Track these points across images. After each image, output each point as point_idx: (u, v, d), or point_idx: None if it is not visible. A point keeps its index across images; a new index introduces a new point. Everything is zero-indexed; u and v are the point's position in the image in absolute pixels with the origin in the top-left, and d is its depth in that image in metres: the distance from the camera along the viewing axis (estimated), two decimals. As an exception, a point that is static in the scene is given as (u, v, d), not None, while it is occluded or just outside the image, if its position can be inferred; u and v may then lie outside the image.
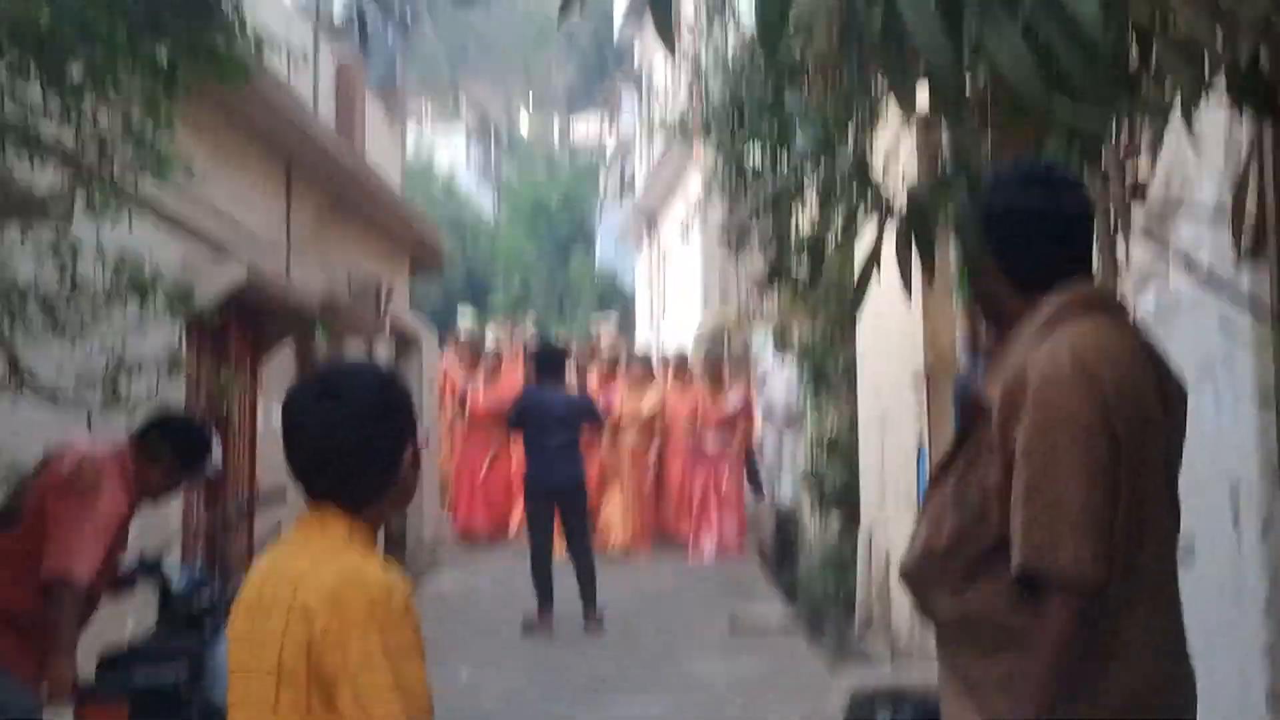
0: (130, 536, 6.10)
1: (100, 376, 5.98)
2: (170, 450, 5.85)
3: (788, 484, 17.08)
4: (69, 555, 5.43)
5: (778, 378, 17.23)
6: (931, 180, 2.41)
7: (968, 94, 1.94)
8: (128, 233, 5.93)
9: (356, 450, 3.01)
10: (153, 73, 5.28)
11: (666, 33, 1.69)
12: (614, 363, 17.80)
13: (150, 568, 6.37)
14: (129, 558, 6.21)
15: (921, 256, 2.28)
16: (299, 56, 11.49)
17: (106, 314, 5.81)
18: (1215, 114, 2.96)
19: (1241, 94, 1.96)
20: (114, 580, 6.04)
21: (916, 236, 2.23)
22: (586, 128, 52.28)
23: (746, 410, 17.25)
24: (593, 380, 16.96)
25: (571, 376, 14.94)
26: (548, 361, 13.38)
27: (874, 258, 2.37)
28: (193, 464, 6.01)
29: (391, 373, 3.29)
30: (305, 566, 2.92)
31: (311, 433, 3.02)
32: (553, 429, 12.62)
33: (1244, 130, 4.50)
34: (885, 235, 2.35)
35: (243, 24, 5.72)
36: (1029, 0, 1.50)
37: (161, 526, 8.57)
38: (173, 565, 6.60)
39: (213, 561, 9.42)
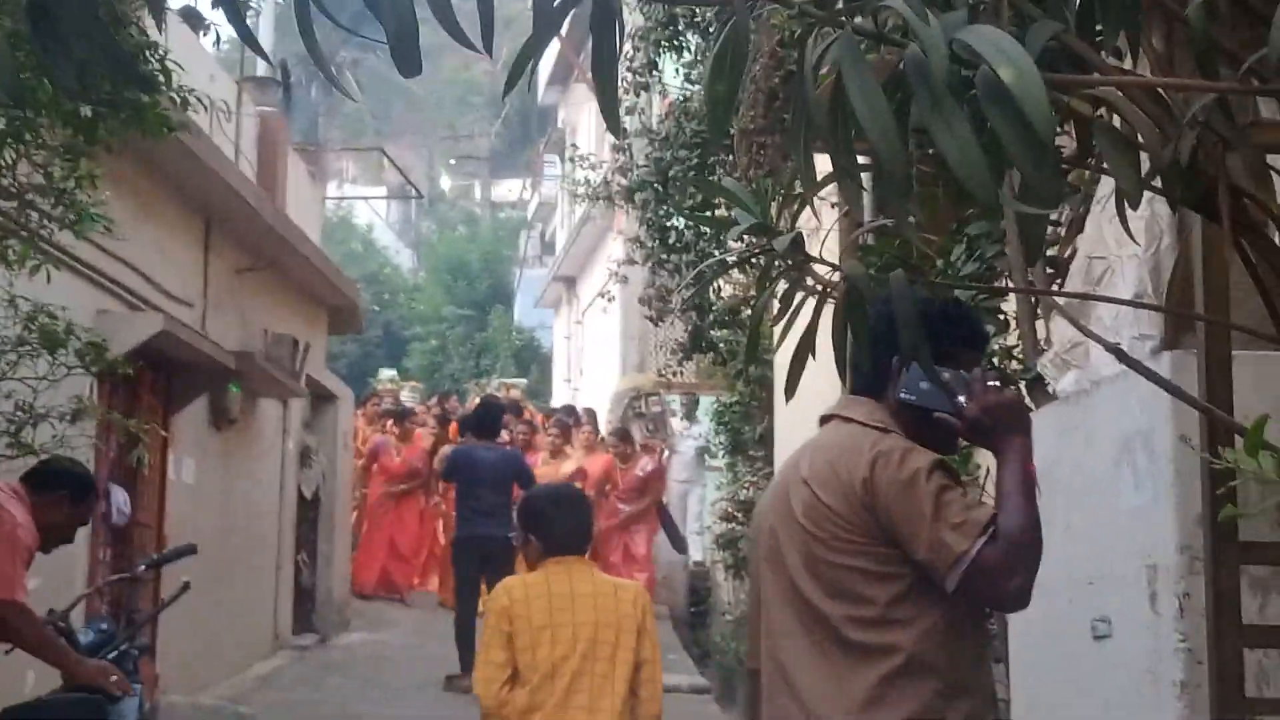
0: (36, 592, 6.06)
1: (5, 425, 5.93)
2: (62, 486, 5.97)
3: (699, 545, 17.13)
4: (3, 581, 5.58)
5: (684, 443, 17.44)
6: (859, 261, 2.42)
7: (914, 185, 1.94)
8: (44, 284, 5.85)
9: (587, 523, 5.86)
10: (74, 127, 5.21)
11: (613, 118, 1.67)
12: (530, 428, 17.79)
13: (56, 624, 6.27)
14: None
15: (856, 340, 2.28)
16: (221, 110, 11.45)
17: (17, 364, 5.74)
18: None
19: (1181, 191, 1.98)
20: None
21: (853, 321, 2.22)
22: (509, 189, 52.30)
23: (659, 473, 17.25)
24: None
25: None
26: (486, 418, 13.28)
27: (809, 340, 2.36)
28: (84, 500, 6.14)
29: None
30: (604, 579, 5.69)
31: (555, 521, 5.60)
32: (484, 488, 12.51)
33: (1164, 217, 4.56)
34: (820, 318, 2.34)
35: (168, 78, 5.67)
36: (980, 92, 1.50)
37: (68, 582, 8.42)
38: (78, 621, 6.53)
39: (119, 617, 9.25)
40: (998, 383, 3.37)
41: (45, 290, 5.90)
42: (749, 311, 12.14)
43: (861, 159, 1.99)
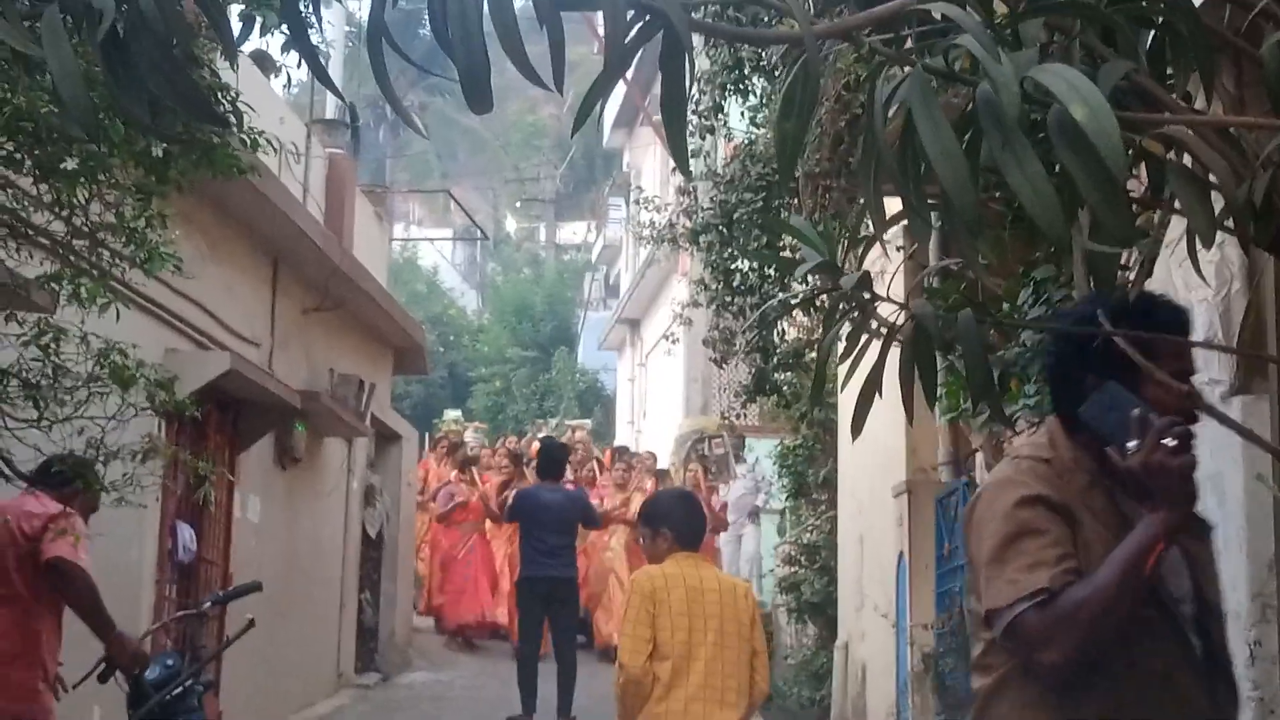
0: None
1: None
2: (76, 478, 6.14)
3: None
4: (63, 545, 5.99)
5: (739, 485, 17.43)
6: (926, 300, 2.40)
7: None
8: (114, 322, 5.91)
9: (705, 521, 6.84)
10: (146, 165, 5.26)
11: (682, 156, 1.67)
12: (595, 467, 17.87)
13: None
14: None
15: (923, 380, 2.26)
16: (291, 151, 11.56)
17: (87, 401, 5.79)
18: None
19: (1255, 231, 1.95)
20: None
21: (920, 361, 2.21)
22: (573, 232, 52.50)
23: (723, 507, 17.28)
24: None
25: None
26: (550, 459, 13.33)
27: (875, 381, 2.35)
28: (93, 488, 6.27)
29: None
30: (724, 576, 6.60)
31: (684, 517, 6.34)
32: (550, 528, 12.53)
33: (1234, 261, 4.51)
34: (887, 358, 2.33)
35: (239, 119, 5.72)
36: (1052, 131, 1.49)
37: (134, 618, 8.47)
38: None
39: (184, 653, 9.32)
40: (1177, 441, 2.90)
41: (114, 328, 5.95)
42: (813, 354, 12.10)
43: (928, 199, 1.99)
